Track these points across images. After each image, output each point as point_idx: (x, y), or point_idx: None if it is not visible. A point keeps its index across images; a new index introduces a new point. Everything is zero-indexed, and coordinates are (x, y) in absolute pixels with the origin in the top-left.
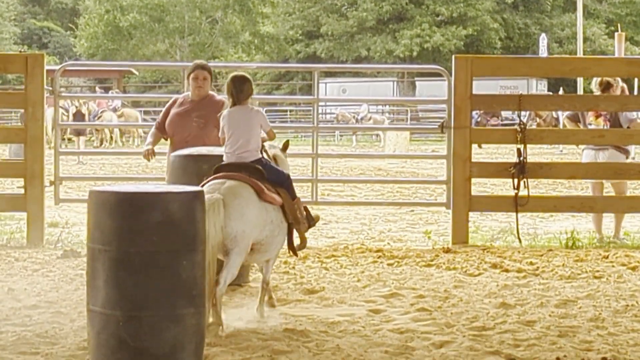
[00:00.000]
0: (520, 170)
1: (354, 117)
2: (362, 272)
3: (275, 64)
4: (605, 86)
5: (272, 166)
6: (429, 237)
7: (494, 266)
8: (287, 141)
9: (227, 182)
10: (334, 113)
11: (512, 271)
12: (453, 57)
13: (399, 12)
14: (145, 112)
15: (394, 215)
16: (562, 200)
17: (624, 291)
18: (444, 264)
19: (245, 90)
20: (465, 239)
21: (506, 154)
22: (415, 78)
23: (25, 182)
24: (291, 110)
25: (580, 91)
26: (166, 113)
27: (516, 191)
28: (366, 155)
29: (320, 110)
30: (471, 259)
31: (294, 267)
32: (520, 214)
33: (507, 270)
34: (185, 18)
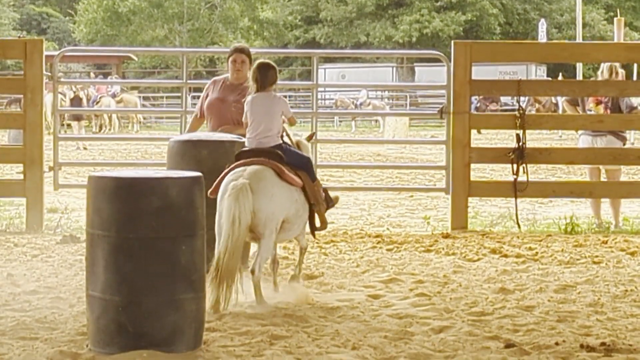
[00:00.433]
0: (520, 155)
1: (353, 102)
2: (361, 258)
3: (274, 49)
4: (612, 73)
5: (292, 150)
6: (428, 223)
7: (493, 251)
8: (313, 133)
9: (247, 168)
10: (333, 99)
11: (511, 256)
12: (452, 42)
13: None
14: (145, 98)
15: (393, 200)
16: (561, 186)
17: (623, 276)
18: (443, 249)
19: (269, 76)
20: (464, 224)
21: (505, 139)
22: (415, 63)
23: (25, 167)
24: (290, 96)
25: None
26: (205, 96)
27: (515, 176)
28: (365, 140)
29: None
30: (470, 244)
31: (293, 253)
32: (519, 200)
33: (506, 256)
34: (184, 3)
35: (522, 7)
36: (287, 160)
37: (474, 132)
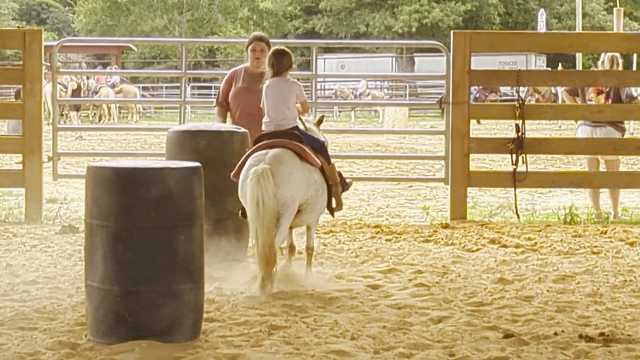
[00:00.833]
0: (519, 145)
1: (352, 92)
2: (360, 248)
3: (273, 39)
4: (613, 64)
5: (308, 133)
6: (427, 213)
7: (492, 242)
8: (322, 116)
9: (269, 151)
10: (332, 89)
11: (510, 247)
12: (452, 32)
13: None
14: (144, 88)
15: (392, 190)
16: (561, 176)
17: (622, 266)
18: (442, 239)
19: (285, 62)
20: (463, 214)
21: (505, 129)
22: (414, 54)
23: (24, 157)
24: None
25: (579, 67)
26: (227, 87)
27: (514, 167)
28: (365, 131)
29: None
30: (469, 234)
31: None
32: (518, 190)
33: (505, 246)
34: None
35: None
36: (306, 142)
37: (473, 122)
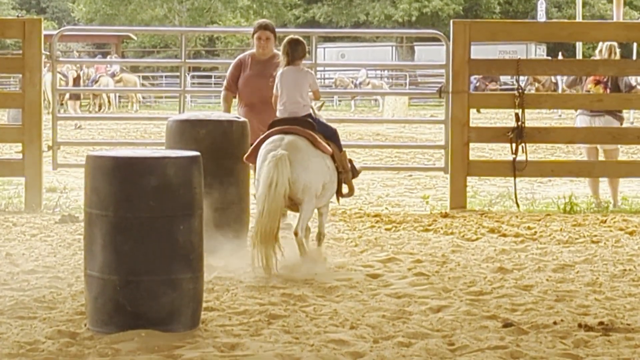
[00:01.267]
0: (519, 135)
1: (352, 82)
2: (360, 237)
3: None
4: (611, 54)
5: (320, 120)
6: (427, 202)
7: (492, 231)
8: (323, 102)
9: (285, 137)
10: (332, 78)
11: (509, 236)
12: (451, 22)
13: None
14: (144, 77)
15: (392, 180)
16: (560, 165)
17: (621, 256)
18: (441, 228)
19: (299, 51)
20: (463, 203)
21: (505, 118)
22: (414, 43)
23: (23, 147)
24: None
25: (580, 56)
26: (235, 72)
27: (514, 156)
28: (364, 120)
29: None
30: (469, 223)
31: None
32: (518, 179)
33: (504, 235)
34: None
35: None
36: (318, 129)
37: (473, 111)
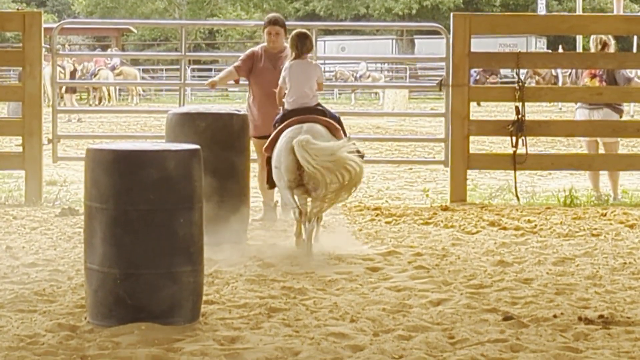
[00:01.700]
0: (519, 128)
1: (352, 75)
2: (360, 230)
3: None
4: (603, 45)
5: (328, 109)
6: (427, 195)
7: (492, 224)
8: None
9: (303, 125)
10: (332, 71)
11: (510, 229)
12: (452, 14)
13: None
14: (144, 70)
15: (392, 173)
16: (561, 158)
17: (621, 249)
18: (442, 221)
19: (306, 45)
20: (463, 196)
21: (505, 112)
22: (414, 36)
23: (23, 140)
24: None
25: (580, 49)
26: (248, 61)
27: (514, 149)
28: (365, 113)
29: None
30: (469, 216)
31: (292, 225)
32: (518, 172)
33: (505, 228)
34: None
35: None
36: (329, 117)
37: (473, 104)
